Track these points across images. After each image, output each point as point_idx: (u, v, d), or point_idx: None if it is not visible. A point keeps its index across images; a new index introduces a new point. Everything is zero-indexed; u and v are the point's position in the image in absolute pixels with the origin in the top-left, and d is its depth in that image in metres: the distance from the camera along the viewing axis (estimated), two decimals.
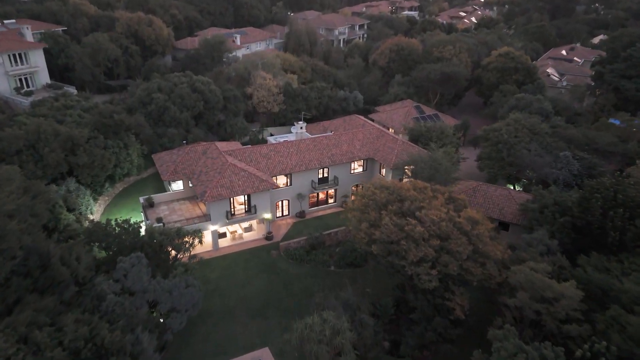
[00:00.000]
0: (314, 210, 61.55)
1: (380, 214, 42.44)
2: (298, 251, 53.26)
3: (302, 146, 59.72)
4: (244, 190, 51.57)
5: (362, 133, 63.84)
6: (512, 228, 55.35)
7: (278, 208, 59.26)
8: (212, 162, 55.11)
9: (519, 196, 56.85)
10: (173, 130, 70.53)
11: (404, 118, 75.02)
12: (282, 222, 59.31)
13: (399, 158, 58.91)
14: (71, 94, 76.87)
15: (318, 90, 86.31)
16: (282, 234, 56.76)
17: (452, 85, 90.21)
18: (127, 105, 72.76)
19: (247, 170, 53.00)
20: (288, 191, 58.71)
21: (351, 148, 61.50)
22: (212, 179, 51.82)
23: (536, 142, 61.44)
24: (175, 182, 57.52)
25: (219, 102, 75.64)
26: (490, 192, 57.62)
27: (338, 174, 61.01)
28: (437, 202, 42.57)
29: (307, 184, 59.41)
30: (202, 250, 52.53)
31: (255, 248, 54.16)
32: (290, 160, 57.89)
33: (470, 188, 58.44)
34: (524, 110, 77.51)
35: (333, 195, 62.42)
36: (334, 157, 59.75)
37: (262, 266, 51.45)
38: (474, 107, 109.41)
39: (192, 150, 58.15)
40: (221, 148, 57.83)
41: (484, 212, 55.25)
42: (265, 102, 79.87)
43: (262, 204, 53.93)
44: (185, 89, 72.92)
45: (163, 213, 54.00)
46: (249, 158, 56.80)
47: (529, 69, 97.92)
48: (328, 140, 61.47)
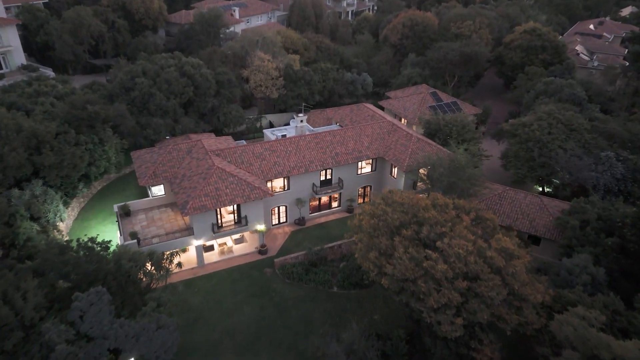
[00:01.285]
0: (316, 216, 54.11)
1: (392, 241, 34.93)
2: (296, 268, 46.08)
3: (301, 144, 51.84)
4: (232, 199, 44.12)
5: (371, 127, 55.71)
6: (545, 242, 47.70)
7: (274, 215, 51.87)
8: (197, 164, 47.53)
9: (553, 205, 48.95)
10: (159, 120, 62.70)
11: (419, 107, 66.54)
12: (278, 231, 52.01)
13: (413, 158, 50.95)
14: (47, 77, 68.95)
15: (322, 73, 77.61)
16: (278, 246, 49.54)
17: (472, 67, 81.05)
18: (109, 90, 64.80)
19: (236, 176, 45.40)
20: (285, 196, 51.19)
21: (358, 145, 53.52)
22: (196, 186, 44.34)
23: (573, 139, 53.05)
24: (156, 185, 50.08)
25: (210, 88, 67.43)
26: (519, 199, 49.76)
27: (343, 175, 53.26)
28: (461, 225, 34.93)
29: (307, 187, 51.81)
30: (185, 268, 45.58)
31: (247, 264, 47.04)
32: (287, 161, 50.13)
33: (495, 194, 50.59)
34: (553, 96, 68.83)
35: (337, 198, 54.82)
36: (338, 157, 51.89)
37: (254, 288, 44.41)
38: (494, 88, 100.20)
39: (175, 148, 50.48)
40: (209, 146, 50.13)
41: (511, 223, 47.74)
42: (263, 86, 71.52)
43: (254, 214, 46.55)
44: (173, 72, 64.71)
45: (140, 224, 46.78)
46: (240, 159, 49.11)
47: (557, 47, 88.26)
48: (332, 136, 53.48)
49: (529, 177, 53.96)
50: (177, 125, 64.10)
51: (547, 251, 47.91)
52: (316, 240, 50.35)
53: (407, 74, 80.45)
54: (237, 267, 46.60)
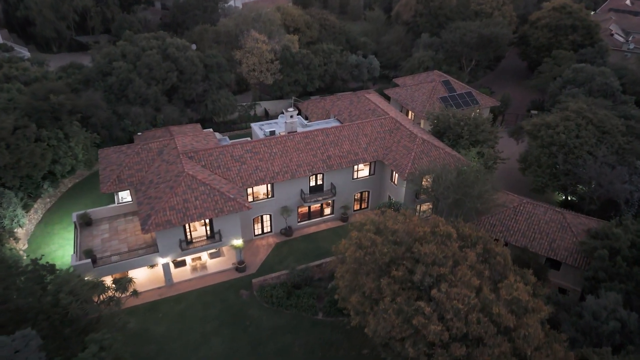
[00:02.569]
0: (305, 225, 48.06)
1: (379, 282, 28.80)
2: (276, 291, 40.38)
3: (289, 145, 45.39)
4: (203, 213, 38.22)
5: (371, 125, 48.84)
6: (566, 266, 41.07)
7: (257, 224, 45.97)
8: (167, 169, 41.58)
9: (577, 223, 42.09)
10: (138, 109, 56.61)
11: (429, 98, 59.14)
12: (261, 242, 46.19)
13: (416, 164, 44.22)
14: (21, 57, 63.12)
15: (324, 55, 70.22)
16: (259, 262, 43.81)
17: (492, 50, 72.73)
18: (84, 75, 58.73)
19: (208, 185, 39.36)
20: (269, 204, 45.13)
21: (355, 147, 46.85)
22: (162, 196, 38.50)
23: (606, 144, 45.60)
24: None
25: (197, 73, 60.83)
26: (538, 215, 42.91)
27: (336, 180, 46.87)
28: (465, 266, 28.60)
29: (294, 194, 45.62)
30: (150, 288, 40.29)
31: (222, 284, 41.47)
32: (271, 165, 43.84)
33: (509, 207, 43.80)
34: (582, 86, 60.84)
35: (331, 205, 48.57)
36: (330, 160, 45.40)
37: (227, 314, 38.90)
38: (517, 71, 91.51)
39: (145, 148, 44.49)
40: (182, 147, 44.00)
41: (527, 244, 41.11)
42: (257, 71, 64.65)
43: (229, 228, 40.67)
44: (155, 56, 58.18)
45: (101, 236, 41.33)
46: (217, 162, 42.98)
47: (589, 27, 79.14)
48: (325, 135, 46.85)
49: (551, 186, 46.84)
50: (159, 115, 57.99)
51: (569, 277, 41.34)
52: (302, 256, 44.49)
53: (419, 57, 72.59)
54: (211, 288, 41.06)
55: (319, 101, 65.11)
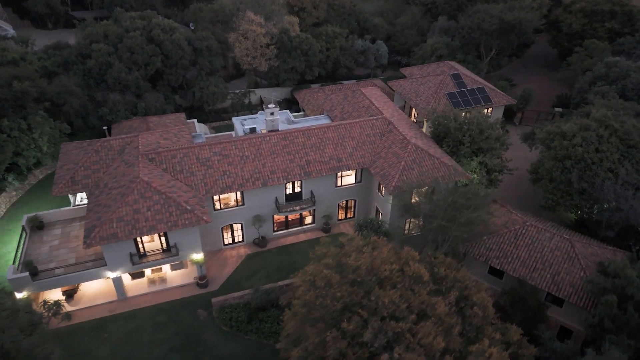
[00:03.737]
0: (282, 235, 43.61)
1: (325, 337, 24.19)
2: (238, 313, 36.41)
3: (264, 147, 40.60)
4: (154, 227, 34.14)
5: (360, 126, 43.43)
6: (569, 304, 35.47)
7: (226, 232, 41.78)
8: (124, 172, 37.55)
9: (588, 254, 36.29)
10: (117, 96, 52.63)
11: (435, 93, 52.91)
12: (231, 252, 42.07)
13: (405, 175, 38.84)
14: (3, 36, 59.75)
15: (327, 39, 64.30)
16: (225, 276, 39.77)
17: (514, 37, 65.19)
18: (63, 57, 54.93)
19: (164, 193, 35.17)
20: (240, 212, 40.77)
21: (339, 151, 41.69)
22: (112, 205, 34.58)
23: (631, 160, 39.06)
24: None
25: (184, 57, 56.17)
26: (542, 241, 37.21)
27: (317, 187, 42.01)
28: (430, 321, 23.69)
29: (269, 202, 41.07)
30: (102, 301, 36.88)
31: (180, 301, 37.67)
32: (241, 170, 39.25)
33: (510, 230, 38.17)
34: (614, 83, 53.57)
35: (311, 213, 43.86)
36: (309, 167, 40.45)
37: (180, 337, 35.12)
38: (546, 60, 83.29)
39: (105, 146, 40.48)
40: (146, 146, 39.75)
41: (526, 275, 35.68)
42: (249, 57, 59.49)
43: (188, 241, 36.57)
44: (138, 38, 53.73)
45: (51, 243, 37.92)
46: (180, 166, 38.65)
47: (630, 13, 70.44)
48: (306, 137, 41.80)
49: (563, 205, 40.70)
50: (140, 103, 53.85)
51: (574, 315, 35.78)
52: (275, 271, 40.20)
53: (432, 43, 65.81)
54: (167, 305, 37.32)
55: (316, 91, 59.88)
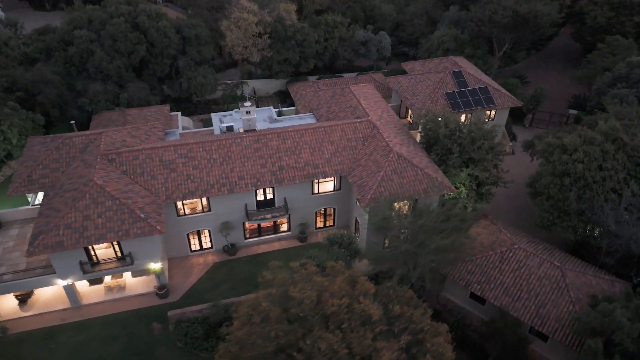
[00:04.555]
0: (254, 243, 40.99)
1: None
2: (194, 328, 34.08)
3: (234, 150, 37.76)
4: (103, 235, 31.89)
5: (341, 129, 40.09)
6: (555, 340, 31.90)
7: (193, 238, 39.37)
8: (80, 174, 35.32)
9: (581, 284, 32.67)
10: (98, 86, 50.46)
11: (432, 93, 48.90)
12: (198, 260, 39.70)
13: (383, 187, 35.54)
14: None
15: (327, 29, 60.56)
16: (188, 286, 37.48)
17: (529, 32, 60.10)
18: (46, 43, 52.91)
19: (118, 199, 32.81)
20: (206, 219, 38.23)
21: (315, 157, 38.53)
22: (62, 209, 32.43)
23: (639, 180, 34.79)
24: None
25: (170, 46, 53.42)
26: (530, 267, 33.64)
27: (291, 194, 39.05)
28: None
29: (237, 209, 38.38)
30: (55, 308, 35.11)
31: (136, 312, 35.55)
32: (207, 174, 36.56)
33: (496, 252, 34.64)
34: (635, 86, 48.73)
35: (287, 220, 41.04)
36: (282, 173, 37.46)
37: (131, 353, 32.97)
38: (568, 55, 77.59)
39: (67, 143, 38.28)
40: (109, 145, 37.37)
41: (508, 305, 32.28)
42: (241, 46, 56.35)
43: (145, 251, 34.28)
44: (122, 25, 51.11)
45: (5, 245, 36.14)
46: (141, 168, 36.18)
47: None
48: (280, 140, 38.74)
49: (559, 225, 36.72)
50: (123, 94, 51.51)
51: (558, 352, 32.28)
52: (241, 283, 37.69)
53: (439, 36, 61.31)
54: (122, 315, 35.27)
55: (310, 85, 56.56)
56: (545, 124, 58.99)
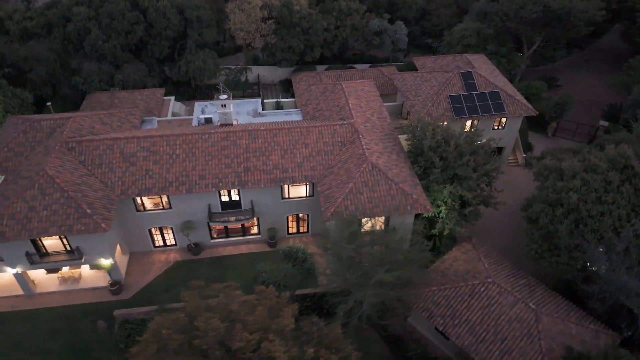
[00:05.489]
0: (221, 244, 39.01)
1: None
2: (137, 331, 32.56)
3: (199, 147, 35.60)
4: (46, 229, 30.74)
5: (319, 132, 36.98)
6: None
7: (156, 234, 37.86)
8: (38, 160, 34.30)
9: (557, 332, 28.77)
10: (92, 65, 49.52)
11: (436, 94, 44.58)
12: (160, 256, 38.21)
13: (350, 200, 32.46)
14: None
15: (338, 16, 56.77)
16: (144, 283, 36.11)
17: (563, 30, 53.85)
18: (47, 19, 52.30)
19: (67, 192, 31.51)
20: (168, 216, 36.51)
21: (286, 160, 35.74)
22: (10, 197, 31.50)
23: None
24: None
25: (168, 28, 51.54)
26: (502, 305, 29.95)
27: (259, 197, 36.61)
28: None
29: (200, 209, 36.39)
30: (8, 294, 34.73)
31: (85, 306, 34.55)
32: (167, 171, 34.64)
33: (468, 284, 31.04)
34: None
35: (257, 223, 38.74)
36: (247, 175, 34.98)
37: (70, 351, 32.06)
38: (615, 56, 69.81)
39: (35, 126, 37.31)
40: (74, 131, 36.16)
41: (471, 344, 28.88)
42: (244, 31, 53.68)
43: (93, 246, 33.00)
44: (120, 3, 49.74)
45: None
46: (100, 159, 34.70)
47: None
48: (251, 139, 36.17)
49: (548, 260, 32.37)
50: (116, 75, 50.35)
51: None
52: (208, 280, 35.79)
53: (460, 29, 56.18)
54: (72, 309, 34.37)
55: (313, 76, 53.44)
56: (571, 135, 53.18)
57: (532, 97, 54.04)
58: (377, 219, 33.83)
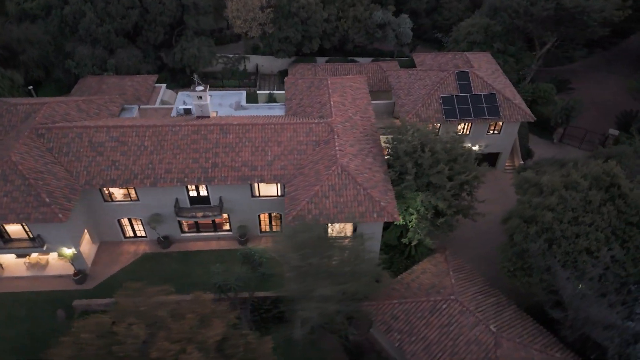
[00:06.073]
0: (192, 238, 38.32)
1: None
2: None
3: (168, 139, 34.76)
4: (4, 216, 30.53)
5: (293, 130, 35.57)
6: None
7: (125, 225, 37.46)
8: (8, 145, 34.09)
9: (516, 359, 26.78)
10: (85, 49, 49.32)
11: (428, 94, 42.37)
12: (129, 247, 37.84)
13: (314, 204, 31.14)
14: None
15: (341, 6, 54.75)
16: (107, 275, 35.78)
17: (577, 29, 50.40)
18: (47, 1, 52.22)
19: (28, 179, 31.25)
20: (135, 208, 36.00)
21: (256, 157, 34.55)
22: None
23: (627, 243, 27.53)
24: None
25: (164, 13, 50.78)
26: (462, 325, 28.35)
27: (228, 194, 35.66)
28: None
29: (168, 202, 35.69)
30: None
31: (49, 294, 34.50)
32: (134, 163, 34.00)
33: (429, 300, 29.46)
34: None
35: (228, 220, 37.87)
36: (214, 171, 34.00)
37: (30, 338, 32.09)
38: None
39: (11, 110, 37.12)
40: (46, 117, 35.87)
41: None
42: (241, 19, 52.39)
43: (55, 235, 32.79)
44: None
45: None
46: (68, 147, 34.30)
47: None
48: (222, 134, 35.11)
49: (519, 279, 30.34)
50: (110, 60, 50.03)
51: None
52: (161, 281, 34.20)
53: (466, 25, 53.40)
54: (35, 295, 34.39)
55: (309, 69, 51.90)
56: (579, 142, 50.08)
57: (540, 100, 51.16)
58: (345, 225, 32.51)
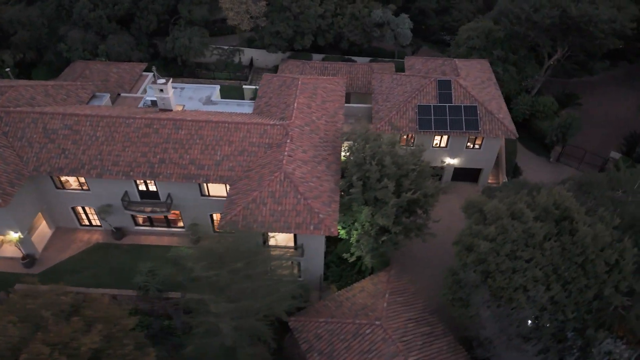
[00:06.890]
0: (144, 232, 38.01)
1: None
2: None
3: (120, 131, 34.32)
4: None
5: (247, 130, 34.37)
6: None
7: (80, 214, 37.52)
8: None
9: None
10: (77, 33, 49.82)
11: (405, 102, 40.04)
12: (83, 235, 37.91)
13: (250, 211, 30.00)
14: None
15: (339, 2, 52.83)
16: (55, 261, 35.94)
17: (585, 40, 46.50)
18: None
19: None
20: (87, 197, 35.93)
21: (205, 156, 33.64)
22: None
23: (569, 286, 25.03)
24: None
25: (156, 1, 50.53)
26: (381, 354, 26.62)
27: (177, 192, 35.02)
28: None
29: (117, 194, 35.39)
30: None
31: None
32: (83, 153, 33.79)
33: (355, 322, 27.93)
34: None
35: (181, 217, 37.29)
36: (160, 166, 33.36)
37: None
38: None
39: None
40: (8, 101, 36.21)
41: None
42: (234, 11, 51.42)
43: (2, 218, 33.09)
44: None
45: None
46: (22, 132, 34.41)
47: None
48: (174, 129, 34.36)
49: (457, 311, 28.16)
50: (101, 45, 50.31)
51: None
52: (106, 273, 35.26)
53: (467, 29, 50.37)
54: None
55: (297, 66, 50.53)
56: (578, 162, 46.49)
57: (539, 114, 47.82)
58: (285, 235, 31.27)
